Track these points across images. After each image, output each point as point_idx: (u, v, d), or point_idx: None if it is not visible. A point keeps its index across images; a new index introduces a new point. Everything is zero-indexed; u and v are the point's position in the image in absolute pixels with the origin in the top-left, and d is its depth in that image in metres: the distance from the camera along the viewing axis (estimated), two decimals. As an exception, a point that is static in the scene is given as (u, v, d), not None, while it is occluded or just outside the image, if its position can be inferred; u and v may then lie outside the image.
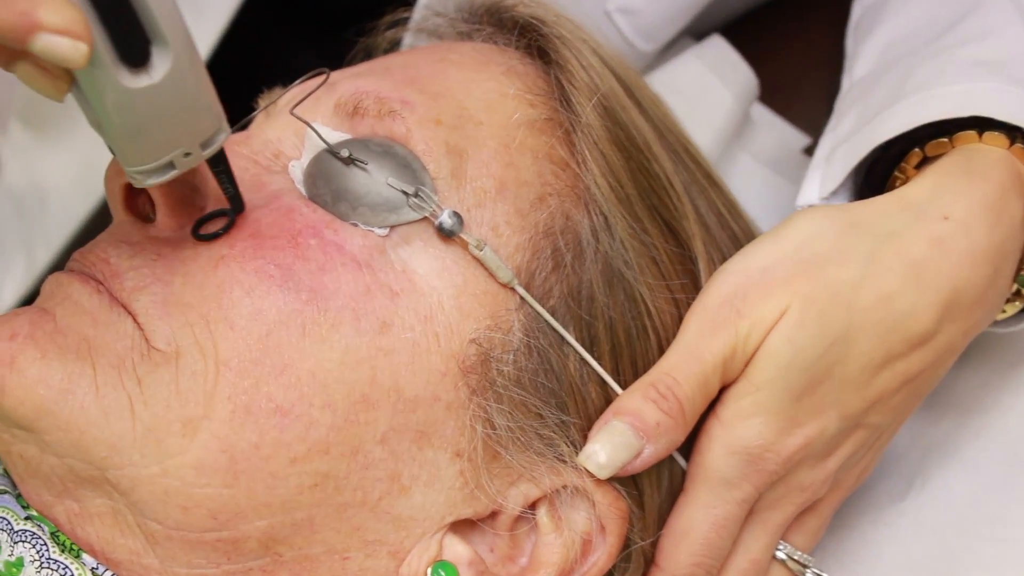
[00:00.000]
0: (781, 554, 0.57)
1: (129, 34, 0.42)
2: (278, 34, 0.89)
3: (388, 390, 0.49)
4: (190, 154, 0.46)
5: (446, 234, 0.51)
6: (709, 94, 0.77)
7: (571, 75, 0.54)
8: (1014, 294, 0.60)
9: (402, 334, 0.49)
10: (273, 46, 0.88)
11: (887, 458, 0.64)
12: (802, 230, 0.54)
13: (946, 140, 0.58)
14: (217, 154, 0.48)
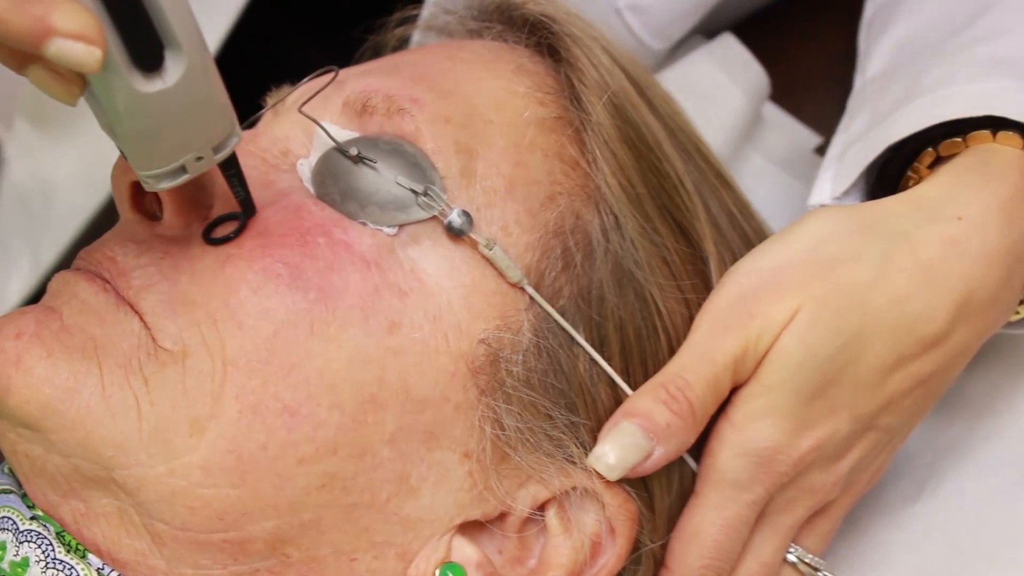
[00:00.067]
0: (792, 557, 0.56)
1: (143, 39, 0.42)
2: (286, 32, 0.89)
3: (397, 390, 0.49)
4: (202, 158, 0.46)
5: (455, 233, 0.50)
6: (720, 93, 0.77)
7: (581, 73, 0.54)
8: (1027, 295, 0.59)
9: (411, 334, 0.49)
10: (281, 44, 0.88)
11: (899, 460, 0.64)
12: (814, 230, 0.54)
13: (960, 140, 0.58)
14: (229, 158, 0.47)
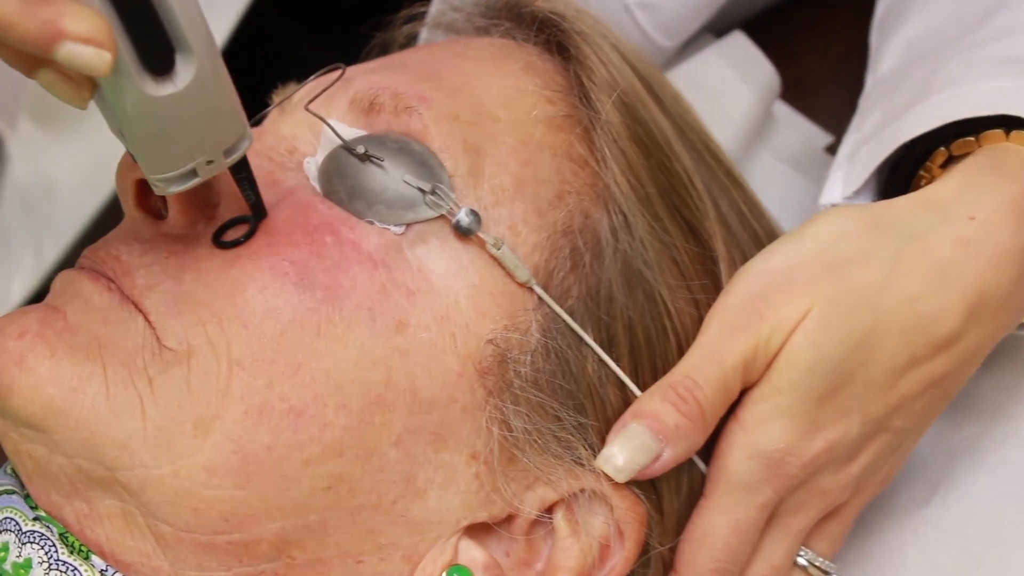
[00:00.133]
0: (802, 560, 0.56)
1: (153, 42, 0.42)
2: (292, 29, 0.89)
3: (404, 391, 0.49)
4: (213, 161, 0.46)
5: (463, 232, 0.50)
6: (730, 91, 0.77)
7: (591, 71, 0.54)
8: (1041, 297, 0.59)
9: (418, 334, 0.49)
10: (287, 41, 0.88)
11: (911, 463, 0.64)
12: (825, 230, 0.54)
13: (972, 139, 0.57)
14: (240, 161, 0.47)
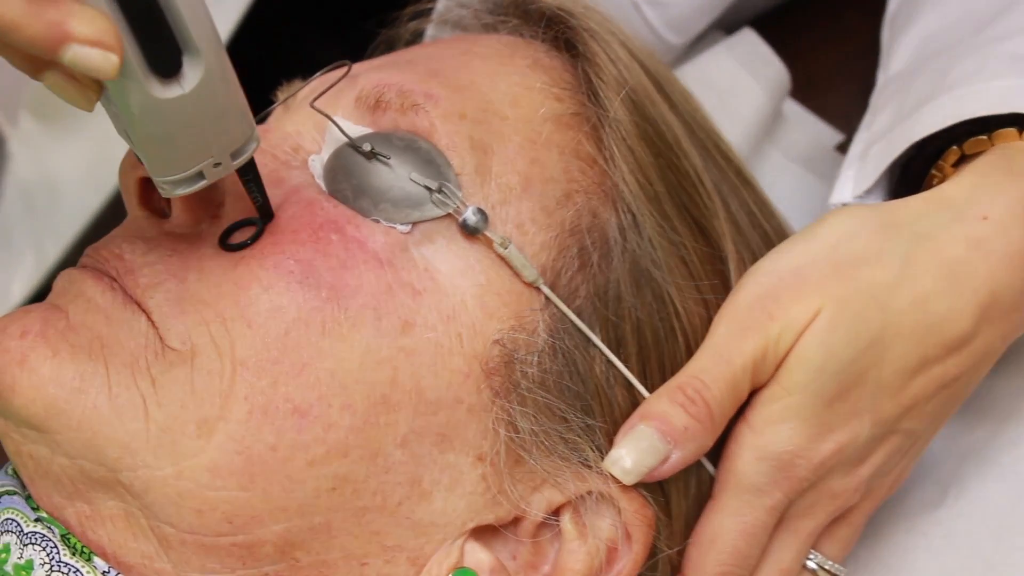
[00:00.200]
0: (812, 563, 0.56)
1: (160, 44, 0.41)
2: (297, 25, 0.89)
3: (409, 391, 0.48)
4: (220, 164, 0.46)
5: (470, 231, 0.50)
6: (740, 89, 0.77)
7: (599, 69, 0.54)
8: (1053, 299, 0.58)
9: (424, 334, 0.49)
10: (293, 37, 0.88)
11: (922, 465, 0.63)
12: (835, 230, 0.53)
13: (985, 138, 0.57)
14: (247, 163, 0.47)
